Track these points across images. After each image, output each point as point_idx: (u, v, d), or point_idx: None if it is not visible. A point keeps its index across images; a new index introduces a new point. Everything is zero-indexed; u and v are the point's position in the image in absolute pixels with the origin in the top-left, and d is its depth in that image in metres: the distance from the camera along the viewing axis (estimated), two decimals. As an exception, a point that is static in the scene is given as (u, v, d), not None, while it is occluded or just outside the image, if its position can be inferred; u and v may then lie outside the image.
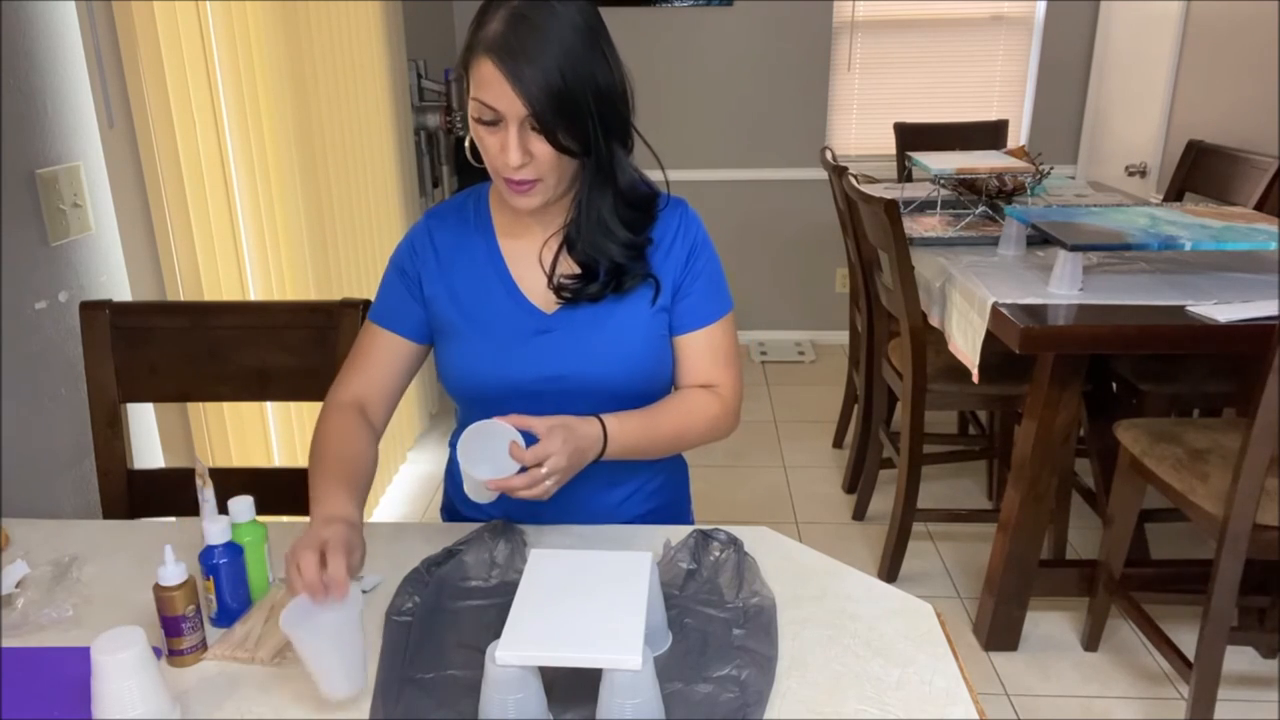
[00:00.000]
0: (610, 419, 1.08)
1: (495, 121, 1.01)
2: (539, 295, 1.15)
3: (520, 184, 1.05)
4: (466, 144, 1.10)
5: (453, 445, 1.28)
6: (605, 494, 1.23)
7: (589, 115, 1.01)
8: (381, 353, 1.19)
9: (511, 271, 1.16)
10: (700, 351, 1.18)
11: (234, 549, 1.00)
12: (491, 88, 0.99)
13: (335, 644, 0.83)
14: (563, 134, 1.01)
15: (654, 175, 1.19)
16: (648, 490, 1.26)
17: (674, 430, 1.15)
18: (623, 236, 1.11)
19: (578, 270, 1.13)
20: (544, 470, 0.99)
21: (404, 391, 1.22)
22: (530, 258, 1.16)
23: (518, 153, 1.01)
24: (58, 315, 1.49)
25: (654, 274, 1.14)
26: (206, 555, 0.99)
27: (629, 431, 1.10)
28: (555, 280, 1.13)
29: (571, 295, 1.12)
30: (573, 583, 0.90)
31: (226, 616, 1.01)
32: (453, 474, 1.30)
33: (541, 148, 1.02)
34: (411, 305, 1.18)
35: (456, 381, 1.17)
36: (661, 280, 1.15)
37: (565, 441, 1.01)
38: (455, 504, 1.30)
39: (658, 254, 1.15)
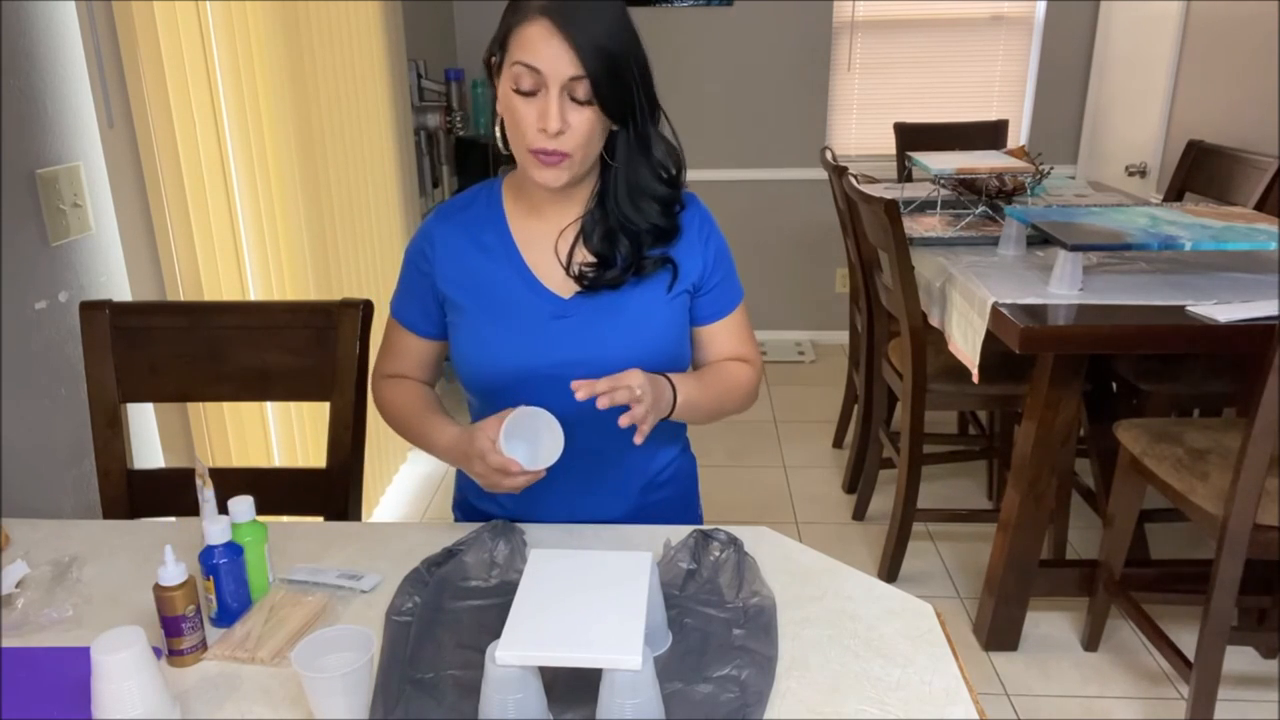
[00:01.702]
0: (671, 375, 1.13)
1: (533, 91, 1.04)
2: (555, 281, 1.16)
3: (551, 155, 1.06)
4: (497, 128, 1.13)
5: None
6: (622, 484, 1.24)
7: (634, 82, 1.06)
8: (407, 349, 1.26)
9: (526, 259, 1.17)
10: (728, 335, 1.23)
11: (234, 549, 1.00)
12: (540, 49, 1.01)
13: (344, 685, 0.83)
14: (610, 97, 1.04)
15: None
16: (658, 482, 1.27)
17: (723, 392, 1.20)
18: (662, 193, 1.15)
19: (594, 260, 1.15)
20: (626, 382, 1.01)
21: (440, 374, 1.30)
22: (545, 246, 1.17)
23: (557, 117, 1.03)
24: (58, 315, 1.49)
25: (674, 259, 1.17)
26: (206, 555, 0.99)
27: (690, 387, 1.14)
28: (574, 268, 1.14)
29: (590, 283, 1.14)
30: (573, 583, 0.90)
31: (227, 616, 1.01)
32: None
33: (577, 118, 1.04)
34: (427, 303, 1.21)
35: (474, 370, 1.18)
36: (684, 266, 1.17)
37: (643, 374, 1.04)
38: (469, 497, 1.31)
39: (682, 242, 1.18)
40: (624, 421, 1.02)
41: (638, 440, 1.03)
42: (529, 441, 1.06)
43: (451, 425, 1.18)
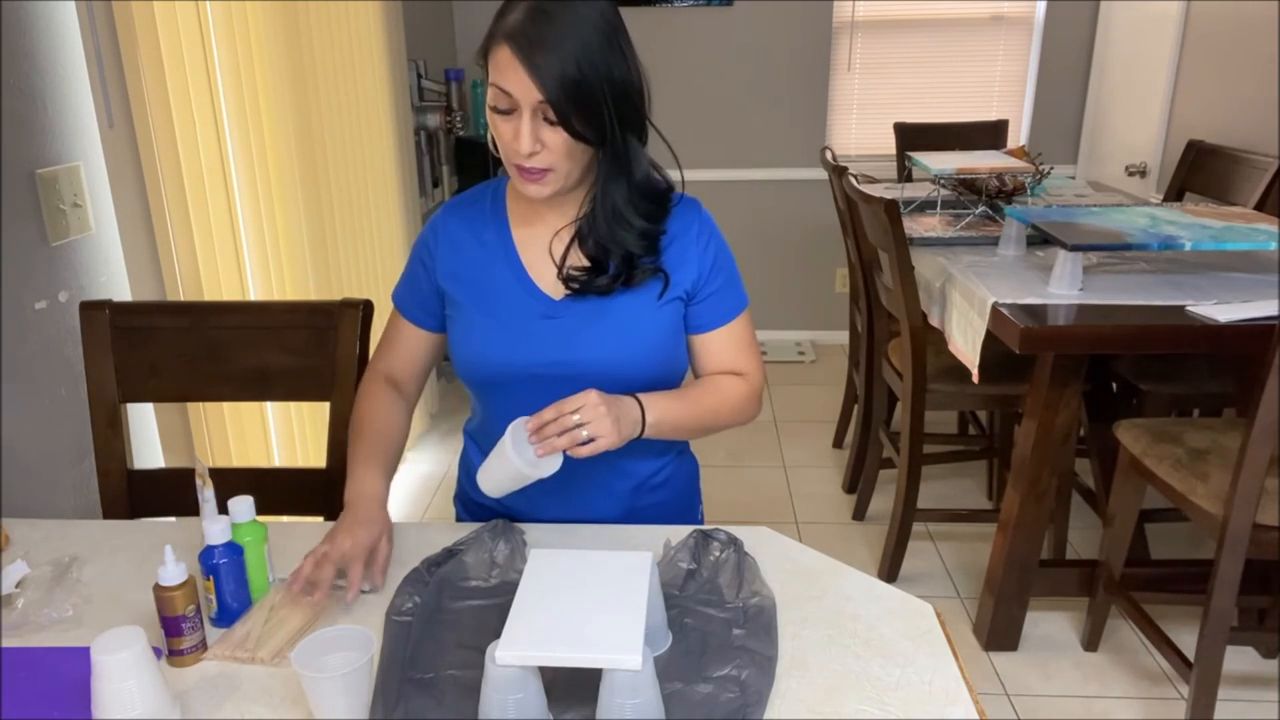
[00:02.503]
0: (641, 395, 1.12)
1: (510, 110, 1.04)
2: (548, 282, 1.17)
3: (531, 171, 1.07)
4: (489, 134, 1.13)
5: (468, 434, 1.31)
6: (611, 485, 1.24)
7: (604, 106, 1.04)
8: (405, 340, 1.26)
9: (522, 258, 1.18)
10: (725, 345, 1.22)
11: (234, 549, 1.00)
12: (507, 74, 1.01)
13: (344, 685, 0.83)
14: (577, 122, 1.03)
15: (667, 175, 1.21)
16: (654, 484, 1.27)
17: (708, 409, 1.19)
18: (639, 225, 1.14)
19: (586, 264, 1.15)
20: (575, 417, 1.02)
21: (433, 367, 1.29)
22: (542, 247, 1.18)
23: (529, 139, 1.03)
24: (58, 315, 1.49)
25: (664, 268, 1.16)
26: (206, 555, 0.99)
27: (664, 405, 1.13)
28: (565, 271, 1.15)
29: (580, 287, 1.14)
30: (573, 583, 0.90)
31: (227, 616, 1.01)
32: (467, 465, 1.32)
33: (553, 137, 1.04)
34: (428, 296, 1.22)
35: (466, 364, 1.19)
36: (677, 275, 1.17)
37: (599, 394, 1.04)
38: (469, 492, 1.32)
39: (674, 249, 1.17)
40: (582, 451, 1.02)
41: (579, 453, 1.02)
42: (528, 451, 1.05)
43: (359, 482, 1.14)
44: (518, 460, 1.02)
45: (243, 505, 1.04)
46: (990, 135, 3.50)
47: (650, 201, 1.15)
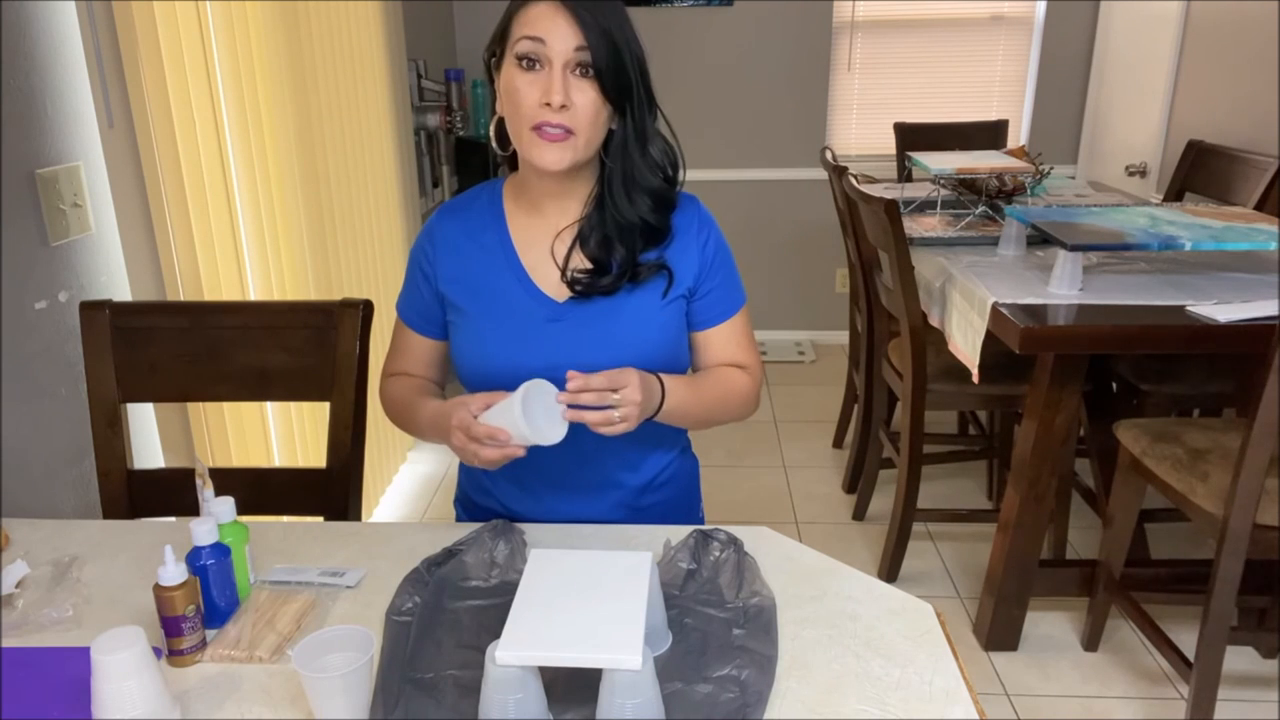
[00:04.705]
0: (664, 377, 1.11)
1: (537, 64, 1.04)
2: (551, 285, 1.16)
3: (555, 129, 1.05)
4: (492, 127, 1.13)
5: None
6: (616, 485, 1.24)
7: (634, 73, 1.07)
8: (415, 349, 1.26)
9: (523, 260, 1.17)
10: (726, 341, 1.22)
11: (221, 549, 1.00)
12: (544, 23, 1.03)
13: (344, 685, 0.83)
14: (609, 80, 1.05)
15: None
16: (657, 483, 1.27)
17: (716, 400, 1.19)
18: (656, 185, 1.14)
19: (590, 266, 1.15)
20: (615, 397, 1.01)
21: (447, 366, 1.29)
22: (542, 249, 1.17)
23: (561, 91, 1.03)
24: (58, 315, 1.49)
25: (668, 265, 1.16)
26: (194, 556, 0.99)
27: (681, 393, 1.13)
28: (569, 274, 1.14)
29: (584, 288, 1.14)
30: (573, 583, 0.90)
31: (216, 617, 1.00)
32: (468, 468, 1.32)
33: (581, 97, 1.05)
34: (428, 303, 1.22)
35: (470, 369, 1.18)
36: (679, 271, 1.17)
37: (640, 380, 1.03)
38: (470, 493, 1.32)
39: (676, 245, 1.17)
40: (606, 430, 1.01)
41: (608, 431, 1.01)
42: (537, 416, 1.01)
43: (434, 400, 1.18)
44: (524, 425, 0.98)
45: (224, 506, 1.04)
46: (990, 135, 3.50)
47: (663, 180, 1.16)
